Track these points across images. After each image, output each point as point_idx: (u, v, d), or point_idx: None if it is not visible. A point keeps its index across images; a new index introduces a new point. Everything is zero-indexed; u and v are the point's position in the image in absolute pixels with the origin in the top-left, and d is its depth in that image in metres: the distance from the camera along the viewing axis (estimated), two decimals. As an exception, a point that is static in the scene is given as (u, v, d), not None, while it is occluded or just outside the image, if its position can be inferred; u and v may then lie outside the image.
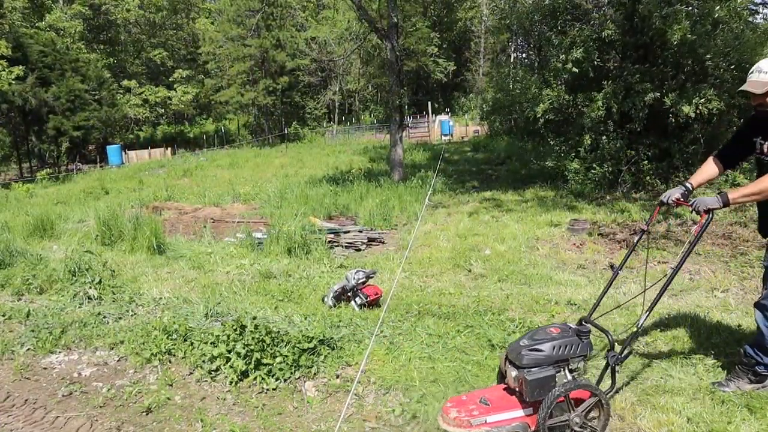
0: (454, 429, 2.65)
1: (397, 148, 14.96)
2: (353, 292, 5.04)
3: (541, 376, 2.63)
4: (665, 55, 10.94)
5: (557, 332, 2.76)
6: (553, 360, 2.68)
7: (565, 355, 2.69)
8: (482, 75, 40.16)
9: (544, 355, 2.67)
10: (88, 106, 31.96)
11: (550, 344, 2.69)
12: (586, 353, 2.76)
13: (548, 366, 2.67)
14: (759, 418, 2.90)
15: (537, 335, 2.77)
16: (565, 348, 2.69)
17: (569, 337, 2.73)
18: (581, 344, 2.73)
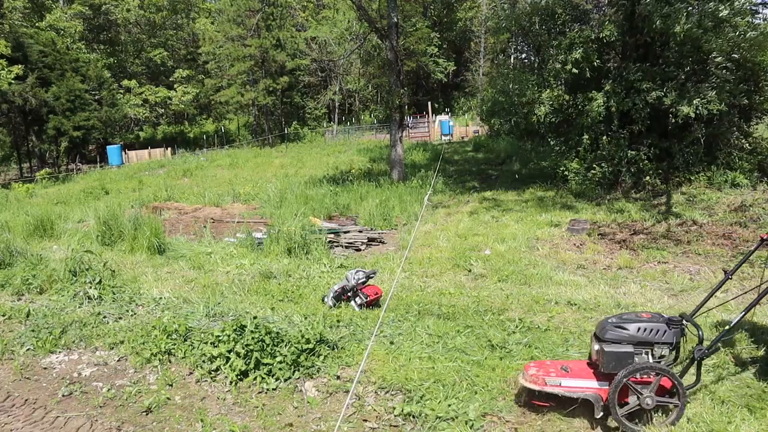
0: (529, 384, 2.88)
1: (397, 148, 14.96)
2: (353, 292, 5.05)
3: (618, 351, 2.73)
4: (666, 54, 10.94)
5: (647, 317, 2.82)
6: (636, 340, 2.74)
7: (649, 339, 2.74)
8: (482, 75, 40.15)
9: (628, 333, 2.75)
10: (88, 106, 31.96)
11: (635, 325, 2.77)
12: (672, 342, 2.76)
13: (629, 344, 2.74)
14: (759, 418, 2.89)
15: (626, 315, 2.87)
16: (650, 332, 2.74)
17: (657, 323, 2.77)
18: (668, 332, 2.74)
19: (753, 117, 11.72)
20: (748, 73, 10.67)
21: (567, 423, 2.94)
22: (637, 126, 11.01)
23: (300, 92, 42.60)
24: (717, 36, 9.72)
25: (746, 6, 9.95)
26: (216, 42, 37.18)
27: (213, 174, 22.36)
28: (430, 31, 30.76)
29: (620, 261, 6.39)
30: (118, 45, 45.64)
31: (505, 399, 3.12)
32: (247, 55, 34.86)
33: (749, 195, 9.20)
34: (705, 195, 9.58)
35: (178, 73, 43.77)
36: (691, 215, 8.39)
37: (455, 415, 2.89)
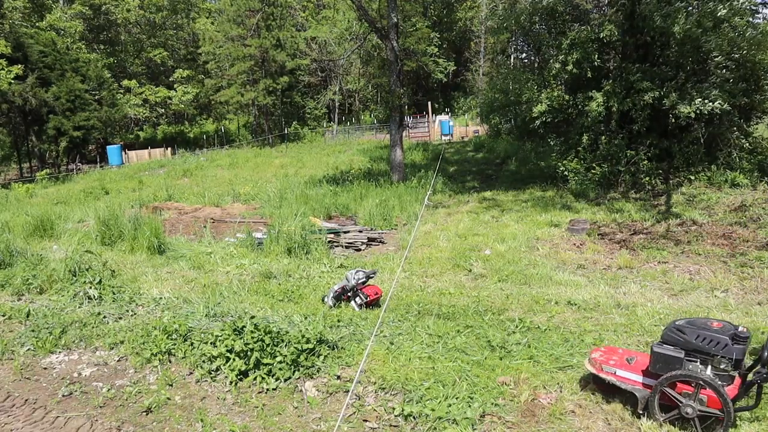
0: (589, 367, 3.02)
1: (397, 148, 14.96)
2: (353, 292, 5.04)
3: (667, 353, 2.70)
4: (666, 54, 10.94)
5: (713, 326, 2.74)
6: (692, 347, 2.67)
7: (707, 349, 2.64)
8: (482, 75, 40.15)
9: (684, 338, 2.70)
10: (88, 106, 31.96)
11: (696, 332, 2.68)
12: (733, 356, 2.63)
13: (682, 350, 2.68)
14: (759, 418, 2.89)
15: (695, 321, 2.81)
16: (709, 342, 2.63)
17: (720, 335, 2.64)
18: (730, 347, 2.61)
19: (753, 117, 11.72)
20: (748, 73, 10.67)
21: (568, 424, 2.94)
22: (636, 126, 11.01)
23: (300, 92, 42.59)
24: (716, 36, 9.72)
25: (745, 5, 9.95)
26: (216, 42, 37.19)
27: (213, 174, 22.36)
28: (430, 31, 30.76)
29: (620, 261, 6.39)
30: (118, 45, 45.65)
31: (505, 399, 3.12)
32: (247, 55, 34.86)
33: (749, 195, 9.20)
34: (705, 195, 9.57)
35: (178, 73, 43.78)
36: (691, 215, 8.39)
37: (455, 415, 2.89)
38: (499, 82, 15.43)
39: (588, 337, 4.02)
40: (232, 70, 35.78)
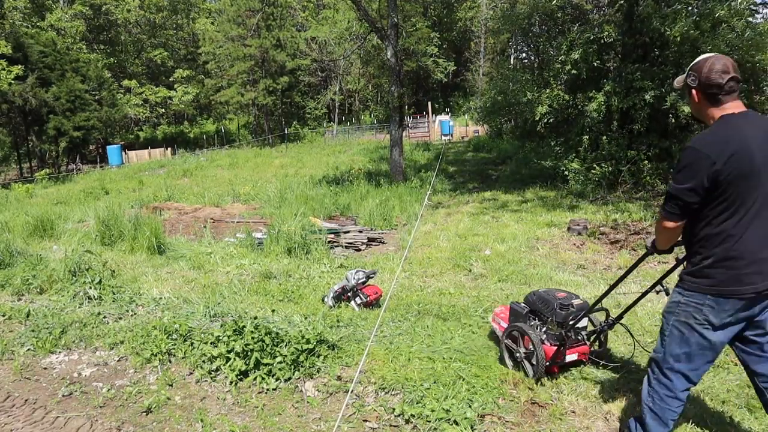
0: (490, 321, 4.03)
1: (397, 149, 14.96)
2: (353, 292, 5.04)
3: (516, 309, 3.61)
4: (665, 54, 10.95)
5: (558, 295, 3.42)
6: (534, 308, 3.49)
7: (542, 310, 3.42)
8: (482, 75, 40.16)
9: (532, 300, 3.51)
10: (88, 106, 31.97)
11: (540, 297, 3.46)
12: (555, 318, 3.30)
13: (528, 308, 3.55)
14: (759, 418, 2.89)
15: (549, 290, 3.57)
16: (542, 304, 3.41)
17: (552, 301, 3.36)
18: (557, 311, 3.29)
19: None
20: (748, 73, 10.68)
21: (568, 424, 2.94)
22: (636, 126, 11.02)
23: (300, 92, 42.61)
24: (714, 37, 9.73)
25: (744, 6, 9.96)
26: (216, 42, 37.20)
27: (213, 174, 22.37)
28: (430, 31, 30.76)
29: (620, 261, 6.39)
30: (118, 45, 45.67)
31: (505, 399, 3.12)
32: (247, 55, 34.87)
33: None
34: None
35: (178, 73, 43.79)
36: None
37: (455, 416, 2.89)
38: (499, 82, 15.44)
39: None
40: (232, 70, 35.80)
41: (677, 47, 10.53)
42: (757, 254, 2.20)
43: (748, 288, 2.21)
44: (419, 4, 30.26)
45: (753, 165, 2.14)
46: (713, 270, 2.25)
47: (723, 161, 2.12)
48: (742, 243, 2.19)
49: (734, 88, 2.24)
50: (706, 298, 2.28)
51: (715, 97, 2.25)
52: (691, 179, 2.19)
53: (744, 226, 2.18)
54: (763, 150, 2.17)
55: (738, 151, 2.13)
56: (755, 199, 2.17)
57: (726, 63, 2.23)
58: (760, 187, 2.17)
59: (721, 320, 2.27)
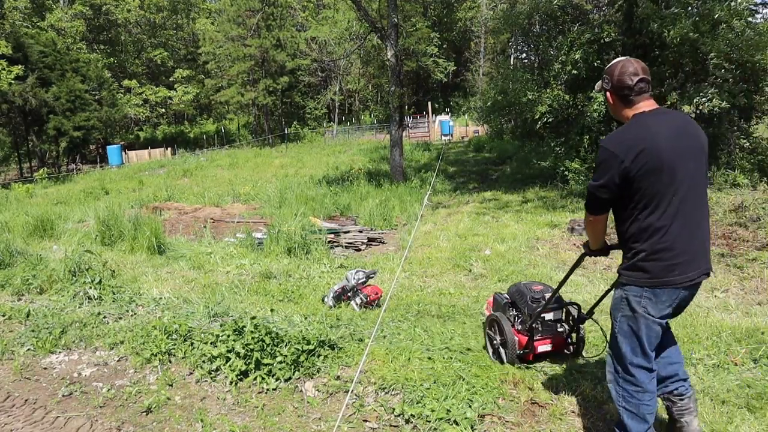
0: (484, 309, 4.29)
1: (397, 149, 14.97)
2: (353, 292, 5.04)
3: (498, 299, 3.82)
4: (665, 54, 10.95)
5: (533, 288, 3.62)
6: (512, 299, 3.70)
7: (518, 302, 3.63)
8: (482, 75, 40.16)
9: (512, 292, 3.73)
10: (88, 106, 31.97)
11: (518, 289, 3.68)
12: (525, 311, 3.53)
13: (508, 299, 3.73)
14: (759, 418, 2.89)
15: (528, 283, 3.75)
16: (519, 296, 3.64)
17: (525, 294, 3.58)
18: (528, 306, 3.51)
19: (753, 117, 11.72)
20: (748, 73, 10.68)
21: (568, 424, 2.94)
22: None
23: (300, 92, 42.61)
24: (713, 38, 9.73)
25: (743, 6, 9.95)
26: (216, 42, 37.20)
27: (213, 174, 22.37)
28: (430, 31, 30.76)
29: (620, 261, 6.38)
30: (118, 45, 45.67)
31: (505, 399, 3.12)
32: (247, 55, 34.87)
33: (749, 195, 9.20)
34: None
35: (178, 73, 43.79)
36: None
37: (455, 416, 2.89)
38: (499, 82, 15.44)
39: (589, 337, 4.02)
40: (232, 70, 35.80)
41: (677, 47, 10.53)
42: (686, 245, 2.29)
43: (681, 278, 2.29)
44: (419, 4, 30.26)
45: (663, 160, 2.22)
46: (646, 263, 2.31)
47: (631, 159, 2.21)
48: (670, 235, 2.26)
49: (644, 88, 2.34)
50: (643, 291, 2.34)
51: (627, 97, 2.36)
52: (602, 177, 2.30)
53: (669, 219, 2.25)
54: (673, 145, 2.25)
55: (646, 147, 2.22)
56: (674, 192, 2.24)
57: (636, 66, 2.34)
58: (677, 180, 2.24)
59: (659, 311, 2.34)
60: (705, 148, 2.37)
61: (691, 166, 2.28)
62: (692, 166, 2.28)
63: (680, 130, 2.30)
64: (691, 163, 2.28)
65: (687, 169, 2.27)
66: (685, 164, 2.26)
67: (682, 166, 2.25)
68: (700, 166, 2.32)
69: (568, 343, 3.65)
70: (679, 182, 2.25)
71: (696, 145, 2.32)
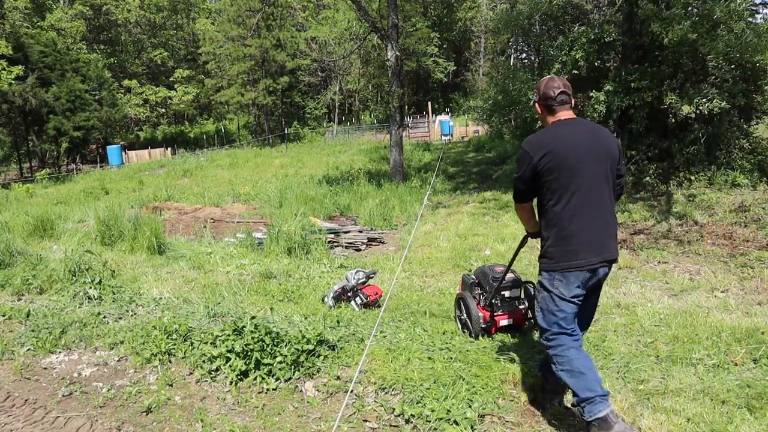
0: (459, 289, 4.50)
1: (397, 149, 14.97)
2: (353, 292, 5.04)
3: (466, 279, 4.23)
4: (665, 54, 10.94)
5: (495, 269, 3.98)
6: (478, 279, 4.11)
7: (482, 281, 4.06)
8: (482, 75, 40.15)
9: (478, 272, 4.17)
10: (88, 106, 31.97)
11: (482, 270, 4.10)
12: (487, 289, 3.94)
13: (475, 278, 4.15)
14: (759, 418, 2.89)
15: (492, 265, 4.15)
16: (482, 276, 4.05)
17: (489, 274, 3.97)
18: (489, 284, 3.92)
19: (753, 117, 11.71)
20: (748, 73, 10.67)
21: (568, 424, 2.94)
22: (636, 125, 11.01)
23: (300, 92, 42.61)
24: (712, 39, 9.71)
25: (743, 6, 9.94)
26: (216, 42, 37.21)
27: (213, 174, 22.37)
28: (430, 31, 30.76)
29: (620, 261, 6.38)
30: (118, 45, 45.68)
31: (505, 399, 3.12)
32: (247, 55, 34.87)
33: (749, 195, 9.20)
34: (705, 195, 9.57)
35: (178, 73, 43.79)
36: (692, 215, 8.39)
37: (455, 416, 2.89)
38: (499, 82, 15.43)
39: (590, 337, 4.02)
40: (232, 70, 35.80)
41: (676, 47, 10.51)
42: (586, 234, 2.64)
43: (582, 262, 2.64)
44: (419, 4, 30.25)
45: (567, 160, 2.61)
46: (554, 249, 2.69)
47: (539, 158, 2.65)
48: (572, 224, 2.63)
49: (565, 100, 2.75)
50: (555, 274, 2.70)
51: (551, 107, 2.77)
52: (519, 171, 2.77)
53: (571, 210, 2.62)
54: (578, 149, 2.64)
55: (553, 149, 2.63)
56: (578, 187, 2.62)
57: (558, 82, 2.75)
58: (579, 178, 2.62)
59: (570, 291, 2.68)
60: (612, 152, 2.73)
61: (595, 167, 2.65)
62: (596, 167, 2.65)
63: (587, 136, 2.69)
64: (594, 165, 2.65)
65: (590, 169, 2.64)
66: (588, 165, 2.63)
67: (584, 167, 2.62)
68: (605, 168, 2.68)
69: (527, 318, 4.07)
70: (581, 180, 2.62)
71: (601, 149, 2.69)
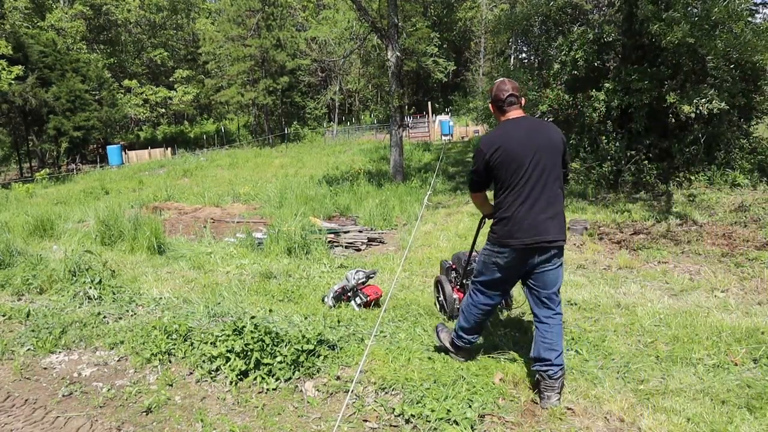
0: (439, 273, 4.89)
1: (397, 149, 14.97)
2: (353, 292, 5.04)
3: (444, 264, 4.69)
4: (664, 55, 10.95)
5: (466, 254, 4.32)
6: (454, 264, 4.54)
7: (454, 265, 4.52)
8: (482, 75, 40.14)
9: (453, 258, 4.61)
10: (88, 106, 31.97)
11: (456, 255, 4.59)
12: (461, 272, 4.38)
13: (451, 263, 4.59)
14: (759, 418, 2.89)
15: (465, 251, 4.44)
16: (457, 261, 4.51)
17: (462, 258, 4.41)
18: (462, 268, 4.33)
19: (753, 117, 11.71)
20: (747, 73, 10.67)
21: (568, 424, 2.94)
22: (636, 125, 11.01)
23: (300, 92, 42.61)
24: (710, 39, 9.72)
25: (742, 7, 9.94)
26: (216, 42, 37.21)
27: (213, 174, 22.37)
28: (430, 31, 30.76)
29: (620, 261, 6.39)
30: (118, 45, 45.67)
31: (505, 399, 3.12)
32: (247, 55, 34.87)
33: (749, 195, 9.20)
34: (705, 195, 9.57)
35: (178, 73, 43.79)
36: (691, 215, 8.39)
37: (455, 416, 2.89)
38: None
39: (588, 336, 4.02)
40: (232, 70, 35.81)
41: (675, 48, 10.53)
42: (524, 218, 3.03)
43: (516, 241, 3.06)
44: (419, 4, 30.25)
45: (514, 155, 3.01)
46: (497, 227, 3.17)
47: (490, 153, 3.07)
48: (513, 209, 3.05)
49: (513, 101, 3.15)
50: (494, 246, 3.19)
51: (501, 108, 3.18)
52: (474, 165, 3.22)
53: (514, 197, 3.05)
54: (525, 143, 3.02)
55: (502, 145, 3.05)
56: (523, 178, 3.02)
57: (508, 84, 3.15)
58: (525, 171, 3.01)
59: (504, 261, 3.15)
60: (556, 144, 3.09)
61: (540, 159, 3.01)
62: (541, 159, 3.02)
63: (533, 132, 3.07)
64: (539, 157, 3.01)
65: (535, 161, 3.00)
66: (533, 158, 3.00)
67: (530, 160, 3.00)
68: (550, 159, 3.05)
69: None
70: (526, 171, 3.01)
71: (546, 142, 3.05)
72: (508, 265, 3.14)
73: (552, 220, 3.08)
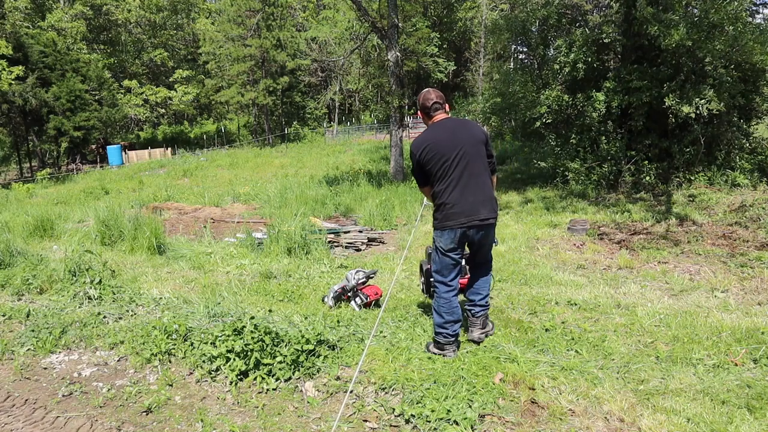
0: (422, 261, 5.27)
1: (397, 149, 14.97)
2: (353, 293, 5.04)
3: (428, 250, 4.78)
4: (663, 55, 10.95)
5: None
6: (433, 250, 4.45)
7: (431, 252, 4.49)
8: (482, 75, 40.13)
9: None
10: (88, 106, 31.97)
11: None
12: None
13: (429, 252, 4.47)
14: (759, 418, 2.89)
15: None
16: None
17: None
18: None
19: (753, 117, 11.71)
20: (747, 74, 10.67)
21: (568, 424, 2.94)
22: (636, 124, 11.01)
23: (300, 92, 42.61)
24: (709, 41, 9.71)
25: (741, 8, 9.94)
26: (216, 42, 37.21)
27: (213, 174, 22.38)
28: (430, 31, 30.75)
29: (620, 261, 6.39)
30: (118, 45, 45.68)
31: (505, 399, 3.12)
32: (247, 55, 34.87)
33: (749, 195, 9.20)
34: (705, 195, 9.57)
35: (178, 73, 43.79)
36: (691, 215, 8.39)
37: (455, 416, 2.89)
38: (498, 84, 15.42)
39: (588, 337, 4.02)
40: (233, 70, 35.82)
41: (675, 49, 10.53)
42: (457, 204, 3.47)
43: (453, 223, 3.50)
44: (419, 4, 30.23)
45: (441, 151, 3.46)
46: (437, 213, 3.60)
47: (419, 153, 3.55)
48: (447, 196, 3.49)
49: (438, 107, 3.62)
50: (437, 232, 3.61)
51: (428, 113, 3.65)
52: (412, 164, 3.68)
53: (445, 185, 3.49)
54: (450, 140, 3.46)
55: (429, 144, 3.51)
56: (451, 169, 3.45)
57: (433, 94, 3.65)
58: (452, 163, 3.44)
59: (446, 245, 3.58)
60: (479, 137, 3.52)
61: (465, 152, 3.44)
62: (466, 151, 3.44)
63: (455, 130, 3.50)
64: (464, 150, 3.43)
65: (461, 154, 3.43)
66: (459, 152, 3.43)
67: (456, 153, 3.43)
68: (474, 151, 3.47)
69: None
70: (453, 162, 3.44)
71: (469, 137, 3.48)
72: (452, 243, 3.56)
73: (483, 203, 3.51)
